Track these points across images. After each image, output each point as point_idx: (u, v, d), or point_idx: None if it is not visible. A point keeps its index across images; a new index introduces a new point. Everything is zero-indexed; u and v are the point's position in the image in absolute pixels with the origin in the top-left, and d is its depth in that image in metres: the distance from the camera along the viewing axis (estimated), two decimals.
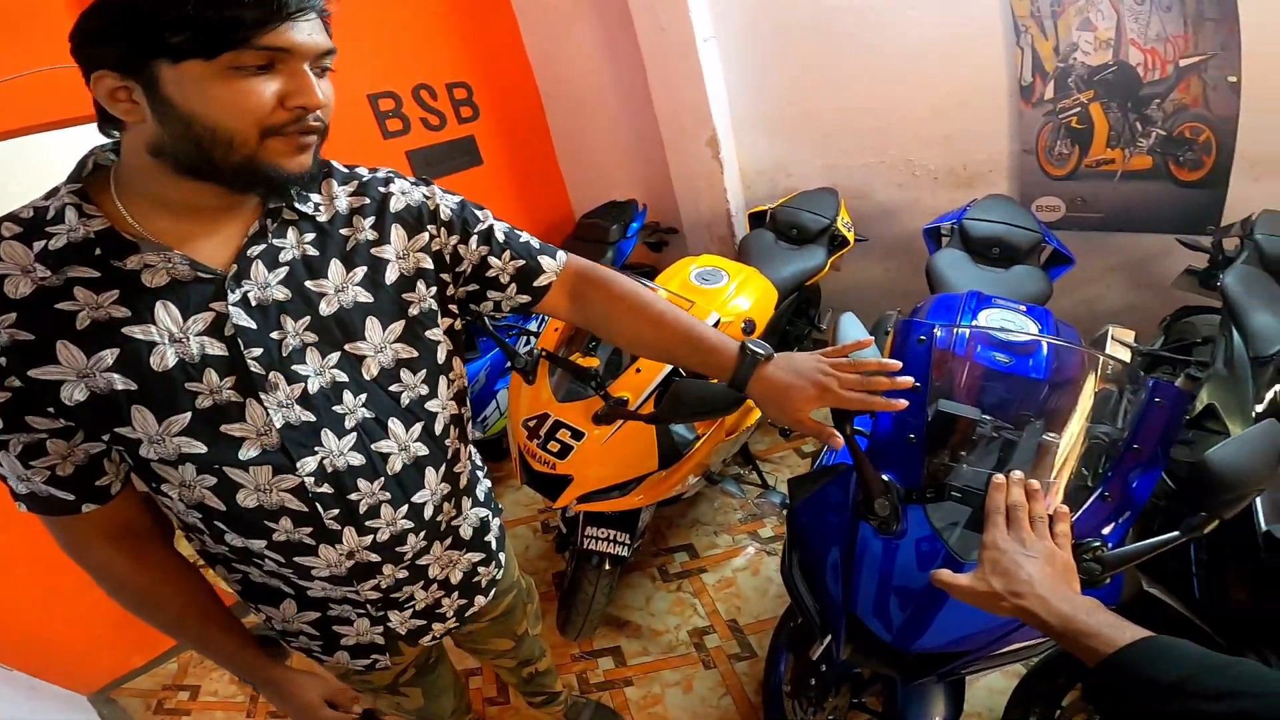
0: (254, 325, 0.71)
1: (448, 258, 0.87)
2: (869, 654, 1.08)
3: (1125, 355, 1.92)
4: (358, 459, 0.79)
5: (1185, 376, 1.94)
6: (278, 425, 0.73)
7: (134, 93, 0.61)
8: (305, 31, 0.63)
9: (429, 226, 0.84)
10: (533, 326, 2.67)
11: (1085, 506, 1.01)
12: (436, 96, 2.94)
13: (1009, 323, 1.45)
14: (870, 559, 1.06)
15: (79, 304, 0.65)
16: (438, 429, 0.87)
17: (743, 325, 1.88)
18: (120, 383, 0.66)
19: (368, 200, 0.81)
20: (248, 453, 0.73)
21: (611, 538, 1.76)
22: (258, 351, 0.71)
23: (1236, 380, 1.63)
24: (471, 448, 1.02)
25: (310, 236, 0.76)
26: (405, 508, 0.85)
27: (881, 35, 2.52)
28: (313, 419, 0.75)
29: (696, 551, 2.31)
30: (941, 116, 2.55)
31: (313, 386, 0.75)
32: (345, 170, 0.83)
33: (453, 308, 0.90)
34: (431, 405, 0.86)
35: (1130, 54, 2.15)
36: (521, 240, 0.94)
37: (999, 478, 0.84)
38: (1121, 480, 1.01)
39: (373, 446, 0.80)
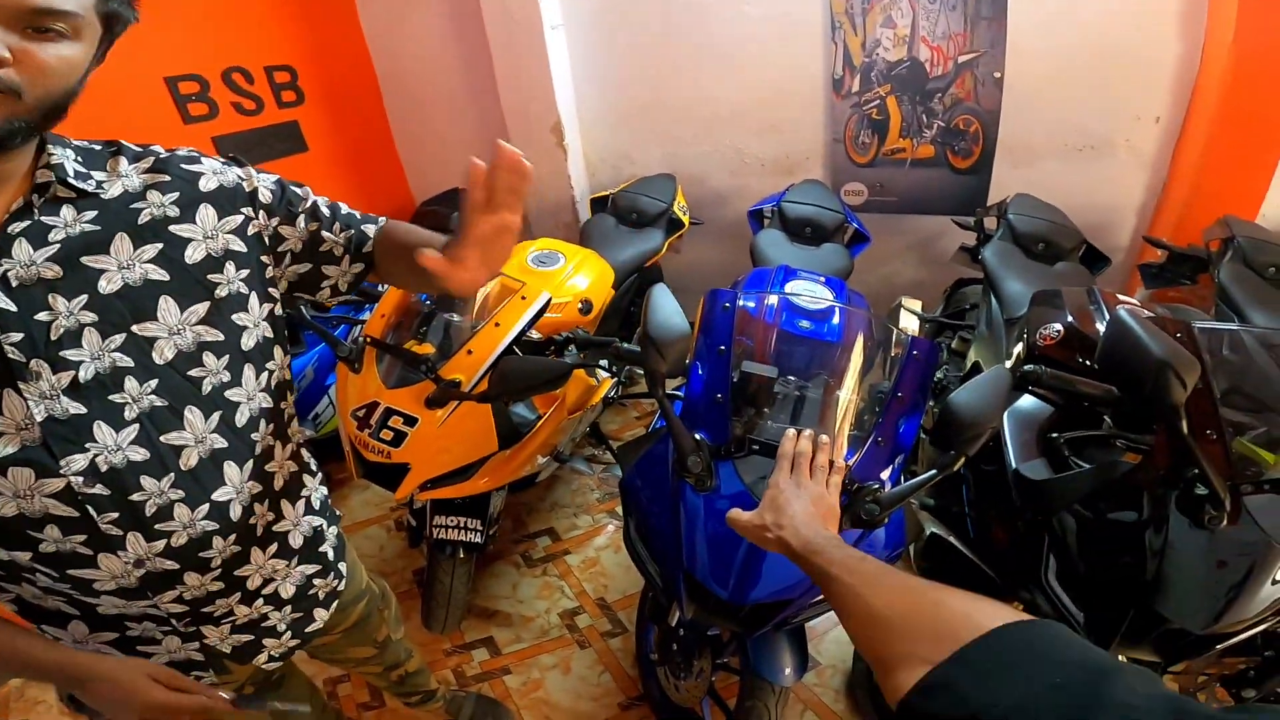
0: (14, 308, 0.65)
1: (267, 239, 0.83)
2: (710, 611, 1.15)
3: (915, 323, 2.20)
4: (140, 454, 0.72)
5: (958, 339, 2.26)
6: (39, 419, 0.66)
7: None
8: None
9: (244, 209, 0.81)
10: (365, 317, 2.55)
11: (863, 452, 1.14)
12: (253, 80, 2.71)
13: (810, 292, 1.61)
14: (694, 518, 1.13)
15: None
16: (240, 420, 0.81)
17: (579, 305, 1.92)
18: None
19: (167, 177, 0.77)
20: (4, 449, 0.65)
21: (462, 525, 1.74)
22: (17, 337, 0.65)
23: (994, 338, 1.94)
24: (300, 448, 0.96)
25: (90, 214, 0.70)
26: (206, 507, 0.78)
27: (716, 29, 2.67)
28: (82, 410, 0.68)
29: (558, 534, 2.33)
30: (767, 108, 2.76)
31: (85, 373, 0.69)
32: (138, 149, 0.79)
33: (273, 291, 0.85)
34: (233, 394, 0.80)
35: (921, 50, 2.45)
36: (344, 211, 0.93)
37: (790, 431, 0.95)
38: (891, 426, 1.16)
39: (161, 439, 0.74)
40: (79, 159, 0.72)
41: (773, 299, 1.42)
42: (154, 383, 0.73)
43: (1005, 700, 0.41)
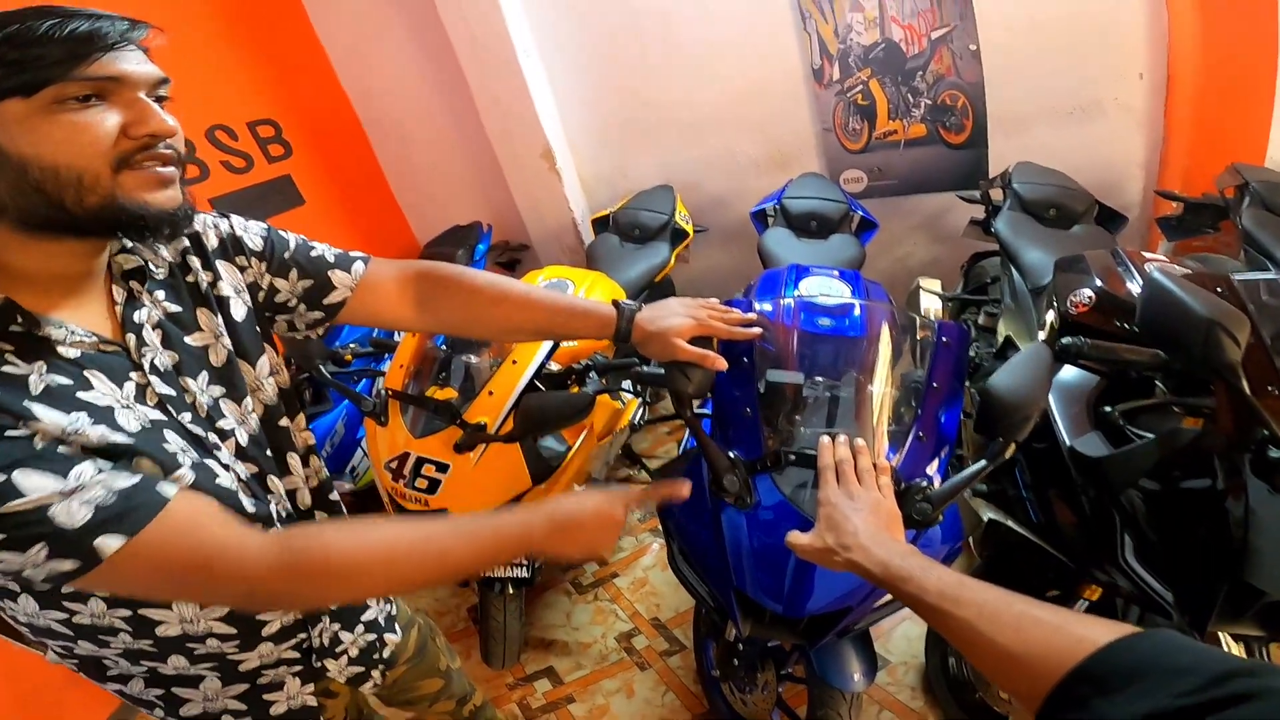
0: (173, 392, 0.68)
1: (264, 289, 0.84)
2: (768, 626, 1.13)
3: (936, 303, 2.16)
4: (284, 484, 0.81)
5: (984, 314, 2.22)
6: (243, 477, 0.72)
7: None
8: (133, 61, 0.59)
9: (238, 257, 0.82)
10: (385, 368, 2.55)
11: (905, 450, 1.10)
12: (237, 137, 2.72)
13: (827, 288, 1.57)
14: (738, 535, 1.10)
15: (21, 368, 0.57)
16: (312, 456, 0.87)
17: None
18: (114, 435, 0.60)
19: (185, 242, 0.77)
20: (248, 504, 0.71)
21: (509, 561, 1.72)
22: (188, 416, 0.68)
23: (1022, 310, 1.90)
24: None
25: (161, 293, 0.72)
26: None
27: (684, 32, 2.67)
28: (256, 470, 0.75)
29: (604, 558, 2.31)
30: (749, 105, 2.75)
31: (242, 438, 0.74)
32: None
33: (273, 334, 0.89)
34: (305, 434, 0.87)
35: (893, 31, 2.43)
36: (315, 254, 0.89)
37: (824, 439, 0.90)
38: (931, 418, 1.11)
39: (283, 484, 0.80)
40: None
41: (789, 301, 1.39)
42: (263, 436, 0.78)
43: (1136, 710, 0.41)
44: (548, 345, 1.60)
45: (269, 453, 0.79)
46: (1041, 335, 1.66)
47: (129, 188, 0.59)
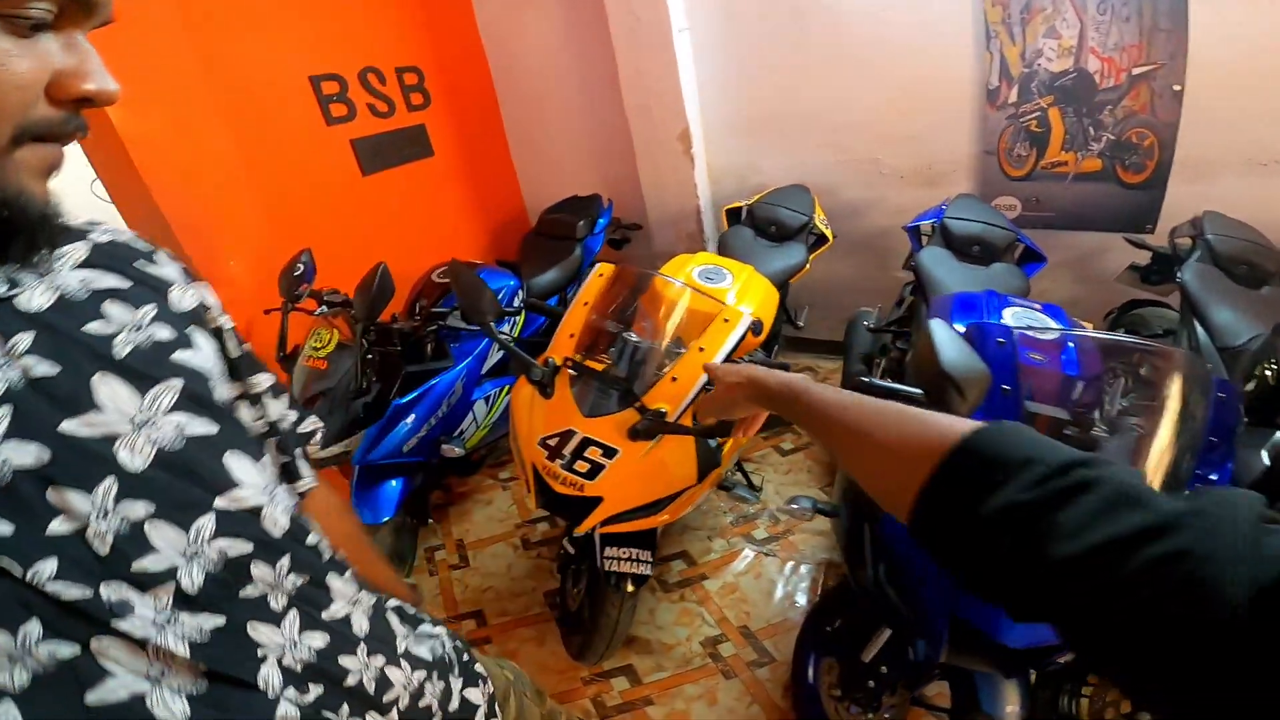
0: (9, 529, 0.40)
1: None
2: (967, 652, 1.12)
3: None
4: (320, 639, 0.55)
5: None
6: (181, 652, 0.45)
7: None
8: None
9: (214, 340, 0.58)
10: (505, 329, 2.49)
11: None
12: (385, 81, 2.70)
13: (1032, 320, 1.48)
14: None
15: None
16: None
17: (751, 326, 1.83)
18: None
19: (125, 281, 0.50)
20: (166, 709, 0.44)
21: (634, 557, 1.64)
22: (49, 566, 0.40)
23: None
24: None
25: (26, 338, 0.43)
26: (406, 661, 0.64)
27: (853, 34, 2.56)
28: (221, 621, 0.48)
29: (693, 558, 2.25)
30: (908, 117, 2.63)
31: (187, 579, 0.46)
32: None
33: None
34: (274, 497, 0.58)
35: (1090, 62, 2.30)
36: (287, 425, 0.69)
37: None
38: (1204, 474, 1.06)
39: (324, 616, 0.56)
40: None
41: (1051, 334, 1.32)
42: (285, 559, 0.53)
43: (993, 505, 0.42)
44: (736, 335, 1.51)
45: (280, 581, 0.53)
46: (1248, 387, 1.56)
47: (17, 168, 0.40)
